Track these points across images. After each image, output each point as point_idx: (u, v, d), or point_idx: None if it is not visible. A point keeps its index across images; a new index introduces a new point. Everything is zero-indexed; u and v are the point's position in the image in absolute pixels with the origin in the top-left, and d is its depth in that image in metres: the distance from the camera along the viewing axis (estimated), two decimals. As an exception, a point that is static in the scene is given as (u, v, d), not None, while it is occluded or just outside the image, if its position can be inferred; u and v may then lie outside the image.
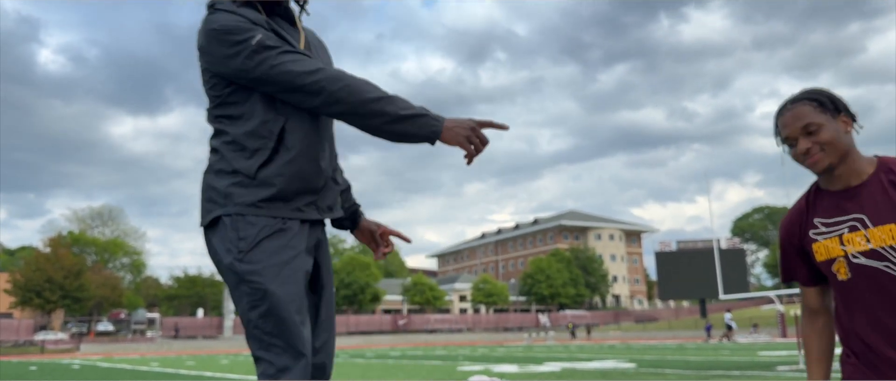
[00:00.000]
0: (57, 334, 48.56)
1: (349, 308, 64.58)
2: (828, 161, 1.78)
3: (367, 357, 19.24)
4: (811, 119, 1.78)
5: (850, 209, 1.82)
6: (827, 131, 1.77)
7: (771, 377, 8.52)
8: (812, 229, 1.89)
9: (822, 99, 1.81)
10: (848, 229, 1.82)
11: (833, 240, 1.84)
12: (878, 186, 1.80)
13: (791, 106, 1.83)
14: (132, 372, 13.05)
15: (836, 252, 1.83)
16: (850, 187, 1.83)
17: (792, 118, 1.81)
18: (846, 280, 1.83)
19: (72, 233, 70.43)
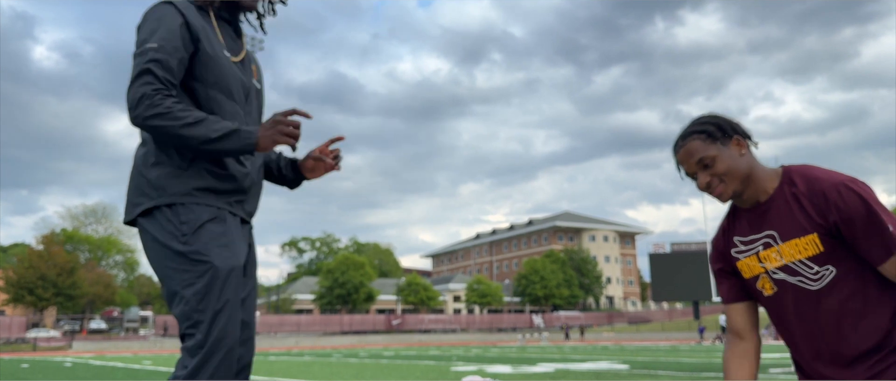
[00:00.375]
0: (49, 331, 48.39)
1: (343, 308, 64.49)
2: (730, 190, 1.79)
3: (360, 357, 19.22)
4: (703, 153, 1.78)
5: (761, 227, 1.82)
6: (721, 162, 1.77)
7: (764, 379, 8.55)
8: (733, 247, 1.90)
9: (709, 129, 1.80)
10: (762, 246, 1.82)
11: (752, 258, 1.85)
12: (783, 200, 1.78)
13: (682, 142, 1.83)
14: (125, 370, 13.00)
15: (757, 269, 1.84)
16: (760, 204, 1.83)
17: (685, 155, 1.81)
18: (772, 295, 1.84)
19: (65, 230, 70.19)
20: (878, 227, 1.64)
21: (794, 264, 1.76)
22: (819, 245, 1.72)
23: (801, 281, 1.77)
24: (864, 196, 1.67)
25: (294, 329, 54.32)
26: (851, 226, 1.67)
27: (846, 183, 1.69)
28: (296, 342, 44.57)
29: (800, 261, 1.76)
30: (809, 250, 1.73)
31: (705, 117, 1.84)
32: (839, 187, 1.68)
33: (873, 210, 1.64)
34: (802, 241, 1.74)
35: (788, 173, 1.81)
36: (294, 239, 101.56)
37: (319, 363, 14.87)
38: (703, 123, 1.82)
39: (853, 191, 1.67)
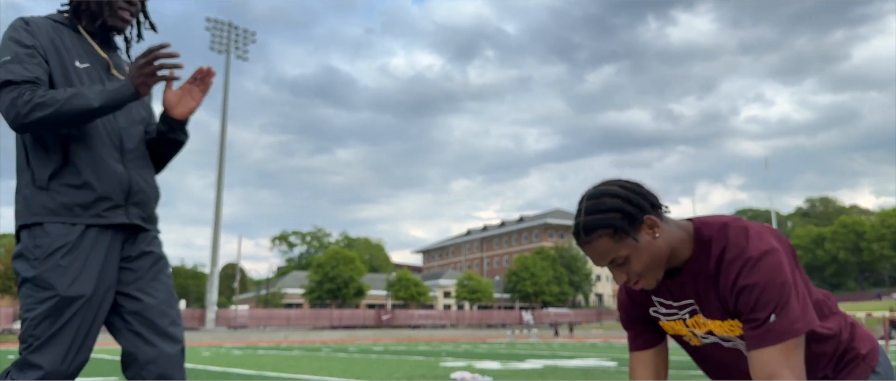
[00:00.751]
0: (36, 323, 48.04)
1: (333, 302, 64.45)
2: (654, 280, 1.58)
3: (349, 352, 19.22)
4: (613, 254, 1.53)
5: (682, 295, 1.66)
6: (637, 260, 1.53)
7: (750, 377, 8.61)
8: (652, 306, 1.76)
9: (616, 224, 1.51)
10: (688, 314, 1.68)
11: (677, 322, 1.72)
12: (698, 274, 1.60)
13: (586, 239, 1.54)
14: (112, 363, 12.96)
15: (683, 331, 1.73)
16: (676, 272, 1.64)
17: (594, 256, 1.56)
18: (699, 346, 1.75)
19: (53, 221, 69.79)
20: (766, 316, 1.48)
21: (723, 337, 1.66)
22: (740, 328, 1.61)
23: (735, 345, 1.66)
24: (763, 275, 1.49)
25: (283, 323, 54.23)
26: (742, 314, 1.55)
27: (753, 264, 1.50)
28: (285, 336, 44.52)
29: (727, 337, 1.65)
30: (733, 331, 1.62)
31: (608, 203, 1.52)
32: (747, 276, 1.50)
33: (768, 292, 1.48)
34: (727, 323, 1.61)
35: (700, 240, 1.59)
36: (284, 233, 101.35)
37: (309, 358, 14.86)
38: (608, 214, 1.51)
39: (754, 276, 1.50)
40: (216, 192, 52.80)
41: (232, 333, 45.82)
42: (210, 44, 55.17)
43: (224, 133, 53.47)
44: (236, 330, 48.46)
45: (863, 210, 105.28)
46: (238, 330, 48.46)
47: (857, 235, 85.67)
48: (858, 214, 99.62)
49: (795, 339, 1.47)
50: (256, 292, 78.13)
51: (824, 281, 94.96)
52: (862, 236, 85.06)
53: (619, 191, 1.54)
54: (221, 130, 53.46)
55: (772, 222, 32.06)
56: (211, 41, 55.15)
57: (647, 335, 1.80)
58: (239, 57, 56.34)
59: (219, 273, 55.13)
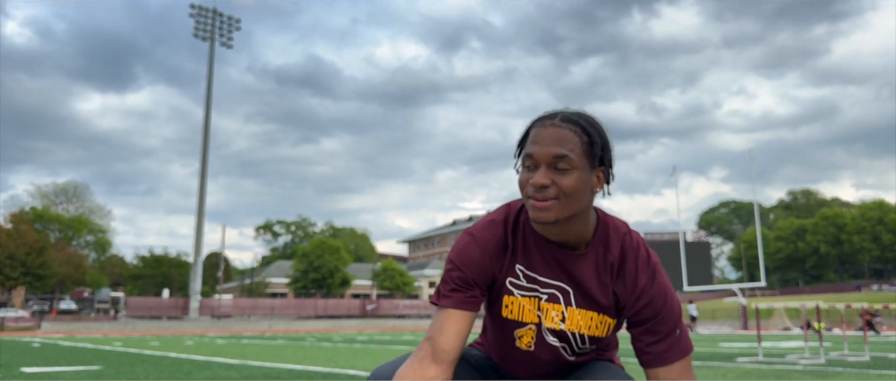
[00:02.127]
0: (18, 311, 47.63)
1: (318, 292, 64.36)
2: (555, 215, 1.36)
3: (334, 341, 19.22)
4: (570, 153, 1.35)
5: (558, 274, 1.47)
6: (576, 180, 1.36)
7: (731, 367, 8.72)
8: (512, 276, 1.49)
9: (595, 139, 1.39)
10: (547, 296, 1.48)
11: (532, 301, 1.49)
12: (592, 263, 1.46)
13: (559, 123, 1.39)
14: (95, 351, 12.88)
15: (531, 318, 1.50)
16: (568, 250, 1.46)
17: (551, 138, 1.37)
18: (526, 351, 1.53)
19: (35, 209, 69.01)
20: (671, 328, 1.46)
21: (571, 333, 1.49)
22: (609, 330, 1.52)
23: (565, 348, 1.52)
24: (667, 288, 1.47)
25: (268, 313, 54.09)
26: (643, 323, 1.46)
27: (658, 272, 1.46)
28: (269, 325, 44.42)
29: (580, 334, 1.50)
30: (598, 331, 1.50)
31: (595, 123, 1.42)
32: (652, 281, 1.45)
33: (672, 306, 1.45)
34: (598, 318, 1.48)
35: (606, 229, 1.47)
36: (269, 222, 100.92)
37: (293, 347, 14.85)
38: (594, 127, 1.41)
39: (660, 285, 1.46)
40: (200, 180, 52.48)
41: (216, 322, 45.65)
42: (194, 31, 54.67)
43: (208, 122, 53.08)
44: (220, 320, 48.27)
45: (844, 203, 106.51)
46: (222, 320, 48.28)
47: (837, 227, 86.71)
48: (839, 206, 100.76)
49: (691, 354, 1.50)
50: (240, 282, 77.81)
51: (805, 273, 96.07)
52: (842, 228, 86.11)
53: (603, 129, 1.43)
54: (205, 118, 53.06)
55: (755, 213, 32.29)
56: (195, 28, 54.63)
57: (475, 301, 1.49)
58: (223, 44, 55.86)
59: (202, 262, 54.87)
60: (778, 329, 35.89)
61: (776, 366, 8.85)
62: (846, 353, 11.56)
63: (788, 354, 11.84)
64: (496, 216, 1.52)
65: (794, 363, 9.34)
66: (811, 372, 7.84)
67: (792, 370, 8.09)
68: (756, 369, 8.43)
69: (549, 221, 1.37)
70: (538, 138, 1.39)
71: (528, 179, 1.39)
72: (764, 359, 10.26)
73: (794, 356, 10.93)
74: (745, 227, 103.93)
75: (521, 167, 1.43)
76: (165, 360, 10.25)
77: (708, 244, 60.04)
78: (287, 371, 8.01)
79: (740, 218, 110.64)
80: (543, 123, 1.41)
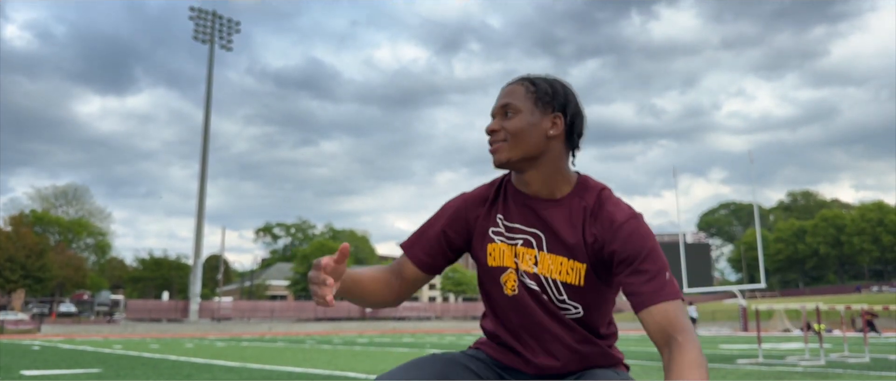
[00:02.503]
0: (17, 314, 47.60)
1: (317, 294, 64.34)
2: (506, 155, 1.49)
3: (334, 344, 19.21)
4: (513, 100, 1.51)
5: (532, 221, 1.55)
6: (519, 121, 1.49)
7: (731, 369, 8.71)
8: (493, 225, 1.59)
9: (542, 88, 1.52)
10: (522, 241, 1.55)
11: (509, 248, 1.57)
12: (566, 208, 1.52)
13: (513, 82, 1.56)
14: (94, 354, 12.87)
15: (509, 262, 1.56)
16: (541, 199, 1.54)
17: (503, 94, 1.54)
18: (512, 296, 1.57)
19: (34, 212, 69.01)
20: (658, 269, 1.43)
21: (545, 278, 1.53)
22: (581, 278, 1.51)
23: (547, 298, 1.54)
24: (651, 235, 1.48)
25: (267, 315, 54.07)
26: (629, 263, 1.44)
27: (638, 217, 1.50)
28: (269, 328, 44.39)
29: (553, 280, 1.52)
30: (569, 277, 1.51)
31: (552, 79, 1.56)
32: (631, 219, 1.48)
33: (658, 251, 1.45)
34: (567, 263, 1.51)
35: (584, 184, 1.56)
36: (268, 225, 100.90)
37: (293, 350, 14.84)
38: (543, 80, 1.54)
39: (643, 227, 1.48)
40: (199, 183, 52.48)
41: (215, 325, 45.61)
42: (194, 33, 54.71)
43: (208, 124, 53.09)
44: (220, 322, 48.24)
45: (843, 204, 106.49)
46: (222, 322, 48.25)
47: (837, 228, 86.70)
48: (839, 208, 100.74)
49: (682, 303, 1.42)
50: (240, 284, 77.77)
51: (805, 274, 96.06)
52: (842, 229, 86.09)
53: (560, 83, 1.56)
54: (205, 120, 53.06)
55: (754, 215, 32.29)
56: (195, 30, 54.67)
57: (439, 257, 1.61)
58: (223, 47, 55.89)
59: (202, 265, 54.86)
60: (778, 331, 35.88)
61: (776, 368, 8.84)
62: (846, 354, 11.56)
63: (788, 355, 11.84)
64: (493, 180, 1.67)
65: (795, 365, 9.34)
66: (811, 374, 7.84)
67: (792, 372, 8.09)
68: (756, 370, 8.43)
69: (501, 161, 1.50)
70: (498, 95, 1.56)
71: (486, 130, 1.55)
72: (764, 361, 10.26)
73: (794, 358, 10.93)
74: (745, 228, 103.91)
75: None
76: (165, 363, 10.24)
77: (708, 246, 60.09)
78: (287, 374, 8.01)
79: (740, 219, 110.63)
80: (504, 87, 1.57)
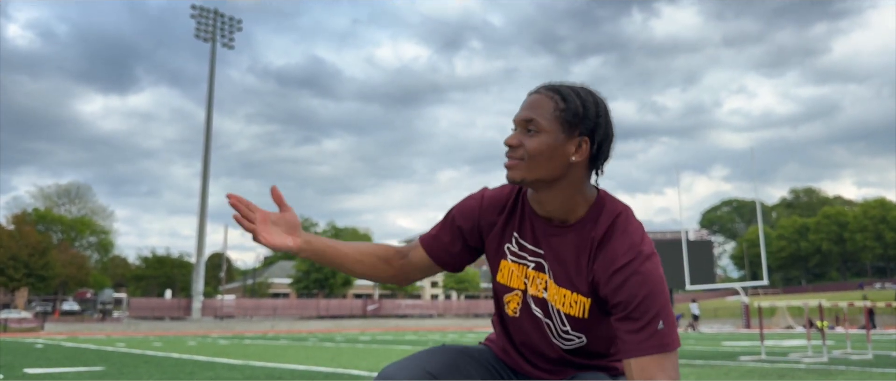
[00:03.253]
0: (20, 312, 47.72)
1: (320, 292, 64.39)
2: (522, 175, 1.39)
3: (336, 341, 19.23)
4: (537, 116, 1.38)
5: (542, 247, 1.48)
6: (541, 141, 1.37)
7: (734, 366, 8.71)
8: (508, 241, 1.52)
9: (572, 107, 1.39)
10: (534, 265, 1.49)
11: (521, 268, 1.51)
12: (574, 239, 1.44)
13: (543, 91, 1.42)
14: (97, 352, 12.90)
15: (518, 284, 1.52)
16: (553, 223, 1.46)
17: (529, 105, 1.41)
18: (514, 317, 1.55)
19: (37, 210, 69.14)
20: (650, 318, 1.34)
21: (552, 307, 1.48)
22: (585, 312, 1.45)
23: (549, 326, 1.50)
24: (651, 277, 1.36)
25: (270, 313, 54.14)
26: (622, 308, 1.36)
27: (641, 257, 1.38)
28: (272, 326, 44.44)
29: (558, 310, 1.47)
30: (573, 310, 1.45)
31: (585, 93, 1.43)
32: (633, 261, 1.37)
33: (654, 296, 1.35)
34: (571, 296, 1.45)
35: (600, 207, 1.45)
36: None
37: (295, 348, 14.87)
38: (576, 96, 1.41)
39: (645, 269, 1.37)
40: (202, 181, 52.53)
41: (218, 323, 45.69)
42: (196, 32, 54.72)
43: (209, 122, 53.13)
44: (223, 320, 48.31)
45: (846, 201, 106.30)
46: (224, 320, 48.31)
47: (840, 225, 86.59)
48: (842, 205, 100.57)
49: (676, 352, 1.36)
50: (243, 282, 77.86)
51: (808, 271, 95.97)
52: (845, 226, 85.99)
53: (594, 100, 1.43)
54: (207, 119, 53.11)
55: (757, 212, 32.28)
56: (196, 29, 54.68)
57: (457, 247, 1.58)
58: (225, 45, 55.89)
59: (205, 263, 54.93)
60: (781, 328, 35.86)
61: (779, 365, 8.84)
62: (849, 351, 11.55)
63: (791, 352, 11.83)
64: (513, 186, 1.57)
65: (797, 362, 9.34)
66: (814, 371, 7.84)
67: (795, 369, 8.09)
68: (759, 367, 8.43)
69: (514, 180, 1.40)
70: (523, 104, 1.44)
71: (506, 141, 1.44)
72: (767, 358, 10.25)
73: (796, 355, 10.92)
74: (748, 225, 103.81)
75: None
76: (168, 361, 10.26)
77: (710, 243, 60.07)
78: (289, 372, 8.02)
79: (742, 216, 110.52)
80: (531, 93, 1.45)
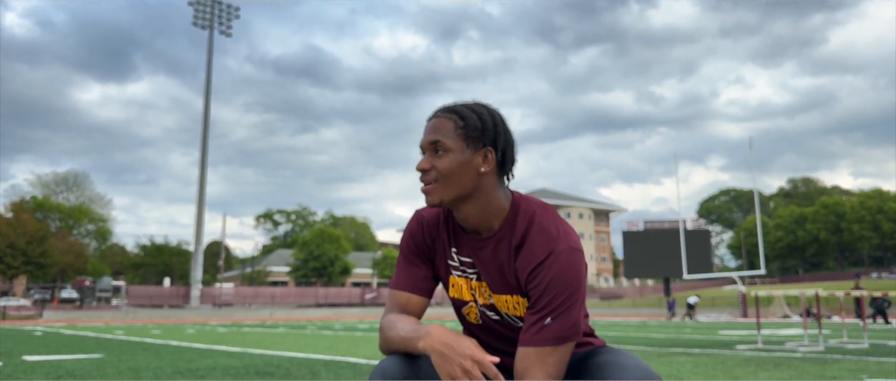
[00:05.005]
0: (19, 300, 47.78)
1: (318, 280, 64.48)
2: (439, 197, 1.45)
3: (335, 329, 19.28)
4: (442, 137, 1.45)
5: (474, 260, 1.54)
6: (451, 160, 1.44)
7: (730, 354, 8.75)
8: (449, 257, 1.58)
9: (471, 123, 1.46)
10: (475, 276, 1.56)
11: (465, 281, 1.58)
12: (495, 248, 1.50)
13: (440, 114, 1.49)
14: (96, 340, 12.93)
15: (468, 296, 1.58)
16: (478, 236, 1.52)
17: (431, 128, 1.48)
18: (478, 324, 1.60)
19: (35, 198, 69.06)
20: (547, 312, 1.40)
21: (502, 312, 1.55)
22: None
23: (513, 321, 1.54)
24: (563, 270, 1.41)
25: (268, 301, 54.25)
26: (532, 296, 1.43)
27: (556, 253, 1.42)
28: (270, 313, 44.55)
29: (508, 314, 1.54)
30: (518, 310, 1.51)
31: (479, 108, 1.50)
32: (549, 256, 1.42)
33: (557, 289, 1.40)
34: (512, 299, 1.51)
35: (515, 212, 1.50)
36: (269, 211, 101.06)
37: (294, 335, 14.91)
38: (472, 112, 1.48)
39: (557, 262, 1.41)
40: (200, 170, 52.47)
41: (217, 311, 45.78)
42: (193, 19, 54.51)
43: (207, 111, 53.00)
44: (221, 308, 48.41)
45: (844, 191, 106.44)
46: (223, 308, 48.42)
47: (837, 215, 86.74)
48: (839, 194, 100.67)
49: (565, 345, 1.41)
50: (241, 271, 77.95)
51: (805, 261, 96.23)
52: (842, 216, 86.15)
53: (488, 112, 1.50)
54: (205, 108, 52.98)
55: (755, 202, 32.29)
56: (194, 16, 54.48)
57: (425, 277, 1.60)
58: (222, 32, 55.70)
59: (203, 251, 54.96)
60: (777, 317, 36.00)
61: (775, 353, 8.88)
62: (845, 340, 11.60)
63: (787, 341, 11.88)
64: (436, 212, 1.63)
65: (794, 351, 9.38)
66: (810, 359, 7.88)
67: (791, 358, 8.13)
68: (755, 356, 8.46)
69: (434, 203, 1.46)
70: (425, 129, 1.50)
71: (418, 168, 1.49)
72: (763, 346, 10.30)
73: (793, 344, 10.97)
74: (745, 215, 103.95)
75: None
76: (167, 348, 10.29)
77: (708, 233, 60.14)
78: (288, 359, 8.04)
79: (740, 206, 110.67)
80: (429, 117, 1.51)
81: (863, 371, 6.45)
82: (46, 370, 6.64)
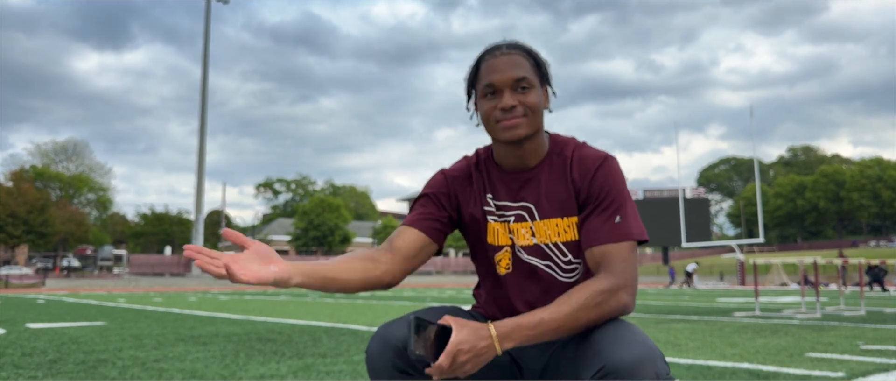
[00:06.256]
0: (21, 269, 48.03)
1: (318, 249, 64.75)
2: (526, 131, 1.48)
3: (336, 297, 19.42)
4: (528, 74, 1.49)
5: (520, 196, 1.56)
6: (535, 96, 1.48)
7: (728, 322, 8.82)
8: (485, 204, 1.60)
9: (539, 60, 1.54)
10: (514, 218, 1.56)
11: (502, 226, 1.57)
12: (548, 170, 1.55)
13: (507, 51, 1.51)
14: (98, 307, 13.02)
15: (505, 241, 1.57)
16: (525, 169, 1.56)
17: (508, 64, 1.48)
18: (505, 274, 1.58)
19: (35, 167, 69.00)
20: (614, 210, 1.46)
21: (546, 246, 1.53)
22: (577, 233, 1.52)
23: (550, 267, 1.54)
24: (616, 175, 1.50)
25: (269, 270, 54.49)
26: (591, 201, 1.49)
27: (608, 159, 1.52)
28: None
29: (554, 244, 1.53)
30: (567, 234, 1.52)
31: (534, 51, 1.56)
32: (603, 161, 1.51)
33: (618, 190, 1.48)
34: (563, 222, 1.52)
35: (556, 140, 1.58)
36: (269, 180, 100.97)
37: (295, 303, 15.01)
38: (534, 52, 1.55)
39: (609, 166, 1.50)
40: (199, 139, 52.33)
41: (218, 279, 46.02)
42: (190, -14, 53.85)
43: (205, 80, 52.67)
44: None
45: (844, 160, 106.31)
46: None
47: (837, 184, 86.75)
48: (839, 163, 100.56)
49: (636, 248, 1.46)
50: (242, 239, 78.14)
51: (804, 229, 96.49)
52: (842, 185, 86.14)
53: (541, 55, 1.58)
54: (203, 76, 52.64)
55: (755, 171, 32.28)
56: (191, -16, 53.79)
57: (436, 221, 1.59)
58: (219, 0, 55.11)
59: (204, 220, 55.07)
60: (775, 285, 36.24)
61: (773, 321, 8.95)
62: (842, 308, 11.69)
63: (785, 308, 11.97)
64: (465, 158, 1.67)
65: (791, 318, 9.45)
66: (807, 326, 7.94)
67: (788, 325, 8.19)
68: (753, 323, 8.53)
69: (520, 136, 1.48)
70: (495, 68, 1.49)
71: (494, 107, 1.49)
72: (761, 314, 10.38)
73: (790, 311, 11.05)
74: (745, 184, 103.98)
75: (480, 100, 1.53)
76: (169, 315, 10.37)
77: (707, 201, 60.24)
78: (290, 326, 8.11)
79: (740, 175, 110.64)
80: (494, 54, 1.51)
81: (859, 338, 6.51)
82: (50, 337, 6.70)
